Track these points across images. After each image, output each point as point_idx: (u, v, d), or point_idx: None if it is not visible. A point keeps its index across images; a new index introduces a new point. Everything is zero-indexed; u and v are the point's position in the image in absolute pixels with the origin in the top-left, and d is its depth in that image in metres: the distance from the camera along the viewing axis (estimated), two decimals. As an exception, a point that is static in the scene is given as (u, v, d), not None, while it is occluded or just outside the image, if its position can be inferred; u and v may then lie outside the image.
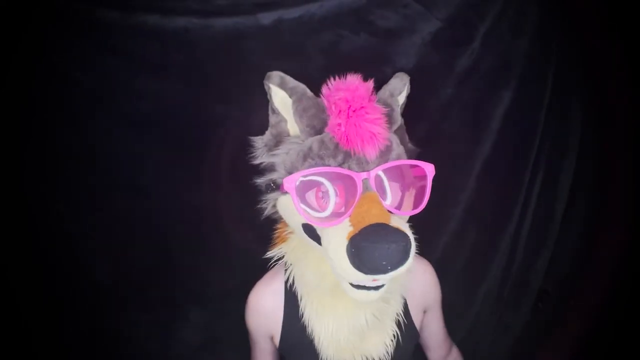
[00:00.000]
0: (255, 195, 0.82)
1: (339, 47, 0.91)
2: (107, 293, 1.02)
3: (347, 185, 0.68)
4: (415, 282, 0.84)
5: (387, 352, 0.79)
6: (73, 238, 1.00)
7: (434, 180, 1.04)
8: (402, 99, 0.80)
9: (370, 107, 0.67)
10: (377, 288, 0.66)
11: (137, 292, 1.03)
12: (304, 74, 0.75)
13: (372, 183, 0.66)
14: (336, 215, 0.67)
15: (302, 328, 0.79)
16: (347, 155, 0.67)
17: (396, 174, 0.71)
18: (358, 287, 0.66)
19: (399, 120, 0.77)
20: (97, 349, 1.03)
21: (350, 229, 0.63)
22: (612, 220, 1.02)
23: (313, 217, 0.68)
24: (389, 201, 0.70)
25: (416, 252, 0.81)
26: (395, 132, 0.76)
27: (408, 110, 1.02)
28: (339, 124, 0.66)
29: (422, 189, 0.72)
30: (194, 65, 0.90)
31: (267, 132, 0.77)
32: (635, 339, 0.91)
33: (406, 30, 0.92)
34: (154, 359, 1.07)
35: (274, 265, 0.85)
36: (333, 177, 0.68)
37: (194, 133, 0.95)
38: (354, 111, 0.66)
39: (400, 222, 0.65)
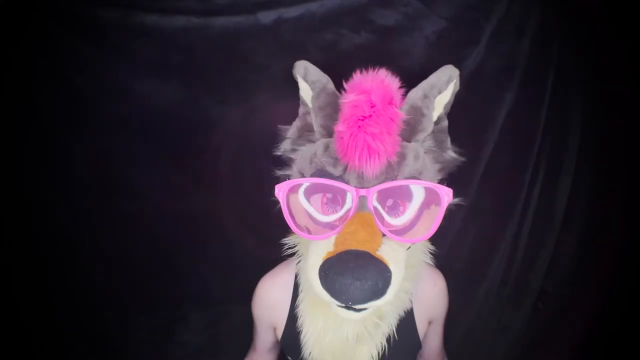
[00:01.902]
0: (253, 196, 0.81)
1: (339, 46, 0.90)
2: (107, 296, 1.02)
3: (345, 200, 0.63)
4: (424, 293, 0.80)
5: None
6: (73, 241, 1.00)
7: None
8: (444, 99, 0.69)
9: (380, 116, 0.60)
10: (358, 310, 0.62)
11: (137, 295, 1.03)
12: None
13: (369, 202, 0.60)
14: (329, 227, 0.64)
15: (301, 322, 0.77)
16: (347, 168, 0.62)
17: (407, 193, 0.64)
18: (338, 305, 0.62)
19: (429, 127, 0.67)
20: (96, 352, 1.03)
21: (331, 249, 0.59)
22: (612, 221, 1.02)
23: (306, 224, 0.65)
24: (398, 221, 0.64)
25: (429, 264, 0.80)
26: (429, 138, 0.68)
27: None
28: (341, 133, 0.61)
29: (436, 213, 0.63)
30: (194, 65, 0.90)
31: (294, 123, 0.73)
32: (636, 339, 0.91)
33: (408, 29, 0.91)
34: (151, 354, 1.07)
35: (286, 255, 0.82)
36: (330, 188, 0.64)
37: (193, 133, 0.95)
38: (357, 120, 0.60)
39: (394, 251, 0.60)
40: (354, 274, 0.55)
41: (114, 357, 1.05)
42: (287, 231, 0.79)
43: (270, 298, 0.81)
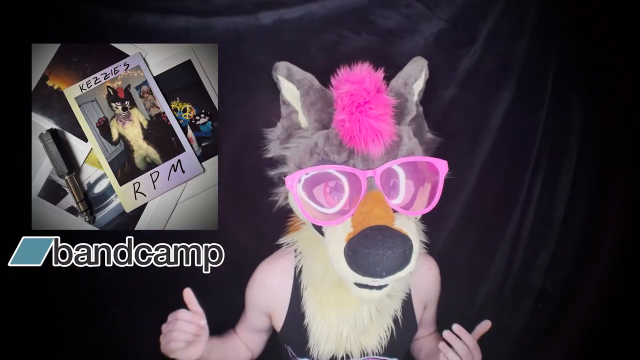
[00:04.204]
0: (253, 194, 0.81)
1: (340, 47, 0.91)
2: (107, 292, 1.01)
3: (352, 183, 0.66)
4: (420, 278, 0.84)
5: (381, 346, 0.79)
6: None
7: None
8: (418, 86, 0.76)
9: (376, 101, 0.64)
10: (380, 287, 0.65)
11: (135, 290, 1.02)
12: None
13: (377, 181, 0.64)
14: (340, 213, 0.66)
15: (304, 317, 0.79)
16: (352, 153, 0.65)
17: (407, 170, 0.69)
18: (360, 285, 0.65)
19: (413, 110, 0.73)
20: (95, 347, 1.03)
21: (351, 230, 0.62)
22: (612, 220, 1.02)
23: (315, 216, 0.67)
24: (398, 200, 0.69)
25: (424, 250, 0.81)
26: (411, 122, 0.74)
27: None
28: (343, 121, 0.64)
29: (434, 186, 0.69)
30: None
31: (279, 124, 0.76)
32: (635, 339, 0.91)
33: (408, 31, 0.92)
34: (150, 357, 1.07)
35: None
36: (333, 176, 0.67)
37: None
38: (357, 106, 0.63)
39: (406, 223, 0.64)
40: (384, 245, 0.58)
41: (112, 352, 1.05)
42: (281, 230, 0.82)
43: (270, 282, 0.83)
